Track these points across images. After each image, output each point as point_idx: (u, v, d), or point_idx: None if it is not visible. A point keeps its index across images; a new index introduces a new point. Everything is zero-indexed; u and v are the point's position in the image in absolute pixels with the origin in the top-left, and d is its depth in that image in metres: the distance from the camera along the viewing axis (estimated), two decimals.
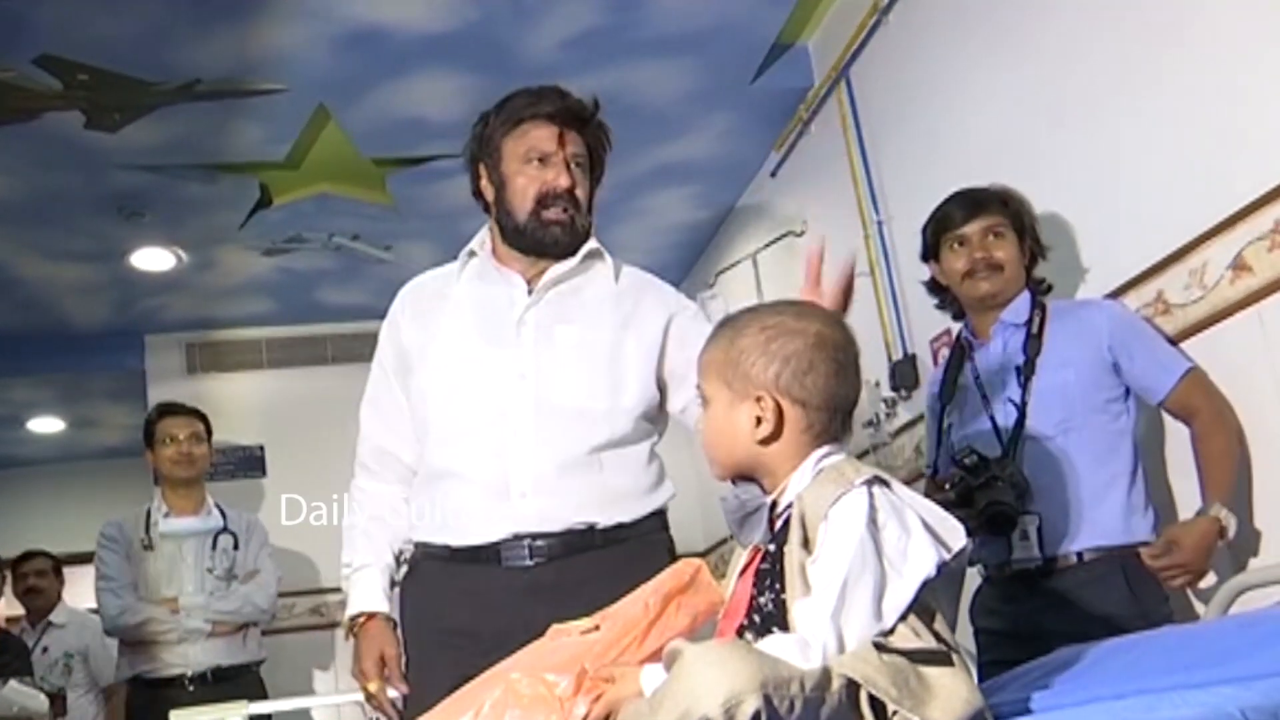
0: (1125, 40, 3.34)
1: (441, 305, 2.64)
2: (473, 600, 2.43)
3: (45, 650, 5.67)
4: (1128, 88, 3.34)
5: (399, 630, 2.60)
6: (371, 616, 2.57)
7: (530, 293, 2.58)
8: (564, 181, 2.54)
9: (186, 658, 4.55)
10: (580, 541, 2.43)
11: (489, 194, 2.64)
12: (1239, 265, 2.96)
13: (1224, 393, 2.98)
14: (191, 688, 4.48)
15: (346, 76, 4.82)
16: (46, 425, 9.20)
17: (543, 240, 2.56)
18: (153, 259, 6.26)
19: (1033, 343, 3.00)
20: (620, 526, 2.47)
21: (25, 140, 4.96)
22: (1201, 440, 2.91)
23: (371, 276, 6.44)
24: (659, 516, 2.57)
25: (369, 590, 2.59)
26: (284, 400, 6.98)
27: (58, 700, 5.39)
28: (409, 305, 2.70)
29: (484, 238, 2.67)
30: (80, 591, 5.77)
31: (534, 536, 2.41)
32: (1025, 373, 2.98)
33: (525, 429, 2.45)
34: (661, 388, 2.61)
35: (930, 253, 3.22)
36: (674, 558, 2.47)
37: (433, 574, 2.53)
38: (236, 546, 4.79)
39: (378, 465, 2.69)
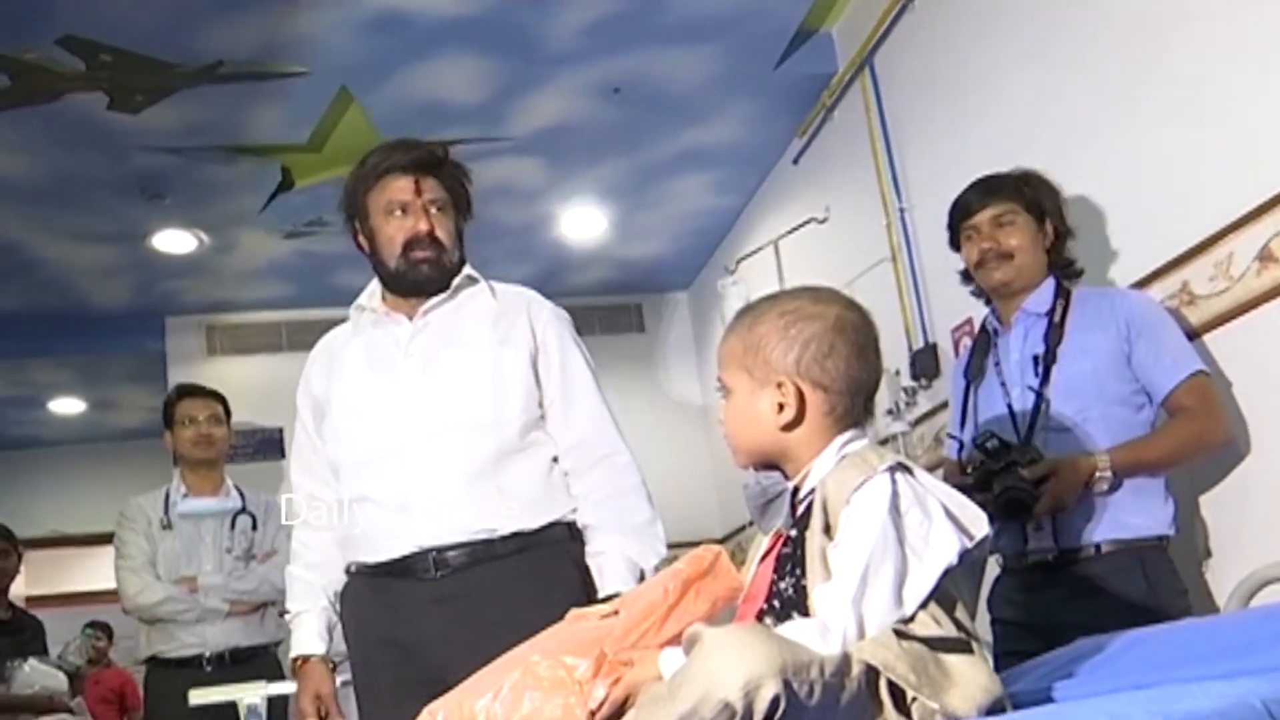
0: (1153, 28, 3.32)
1: (343, 355, 2.83)
2: (390, 612, 2.61)
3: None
4: (1154, 76, 3.32)
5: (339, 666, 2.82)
6: (307, 659, 2.76)
7: (413, 326, 2.75)
8: (423, 226, 2.69)
9: (204, 638, 4.55)
10: (483, 552, 2.57)
11: (365, 247, 2.80)
12: (1265, 256, 2.95)
13: (1249, 384, 2.97)
14: (209, 668, 4.48)
15: (369, 60, 4.82)
16: (67, 406, 9.25)
17: (416, 279, 2.72)
18: (174, 241, 6.29)
19: (1054, 332, 2.98)
20: (519, 535, 2.58)
21: (48, 121, 4.98)
22: (1165, 424, 2.90)
23: None
24: (565, 527, 2.66)
25: (305, 634, 2.77)
26: None
27: (76, 680, 5.41)
28: (317, 361, 2.91)
29: (373, 289, 2.82)
30: (100, 571, 5.77)
31: (438, 550, 2.57)
32: (1045, 361, 2.96)
33: (420, 449, 2.62)
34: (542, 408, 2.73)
35: (955, 241, 3.20)
36: (581, 568, 2.62)
37: (359, 589, 2.70)
38: (255, 527, 4.79)
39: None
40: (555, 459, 2.70)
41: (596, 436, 2.72)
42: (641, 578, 2.53)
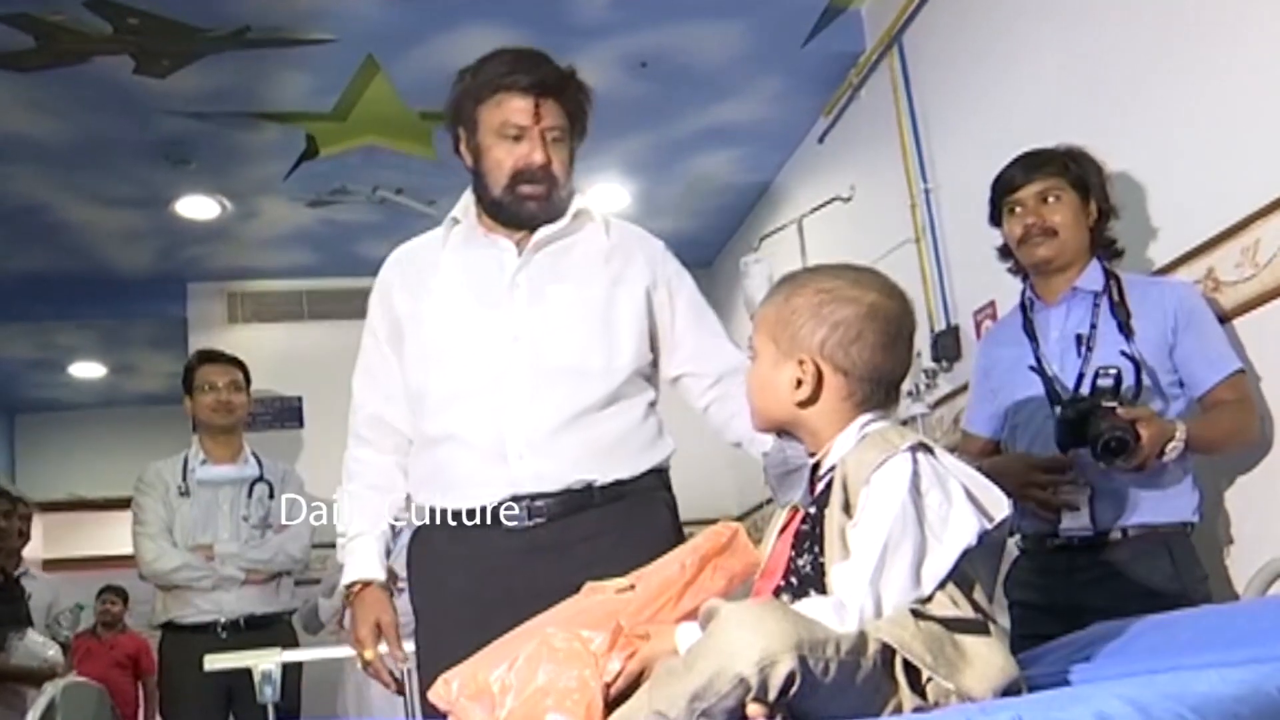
0: (1181, 11, 3.30)
1: (432, 272, 2.61)
2: (474, 564, 2.44)
3: (29, 597, 5.69)
4: (1182, 60, 3.29)
5: (407, 595, 2.61)
6: (367, 584, 2.59)
7: (520, 255, 2.55)
8: (538, 158, 2.49)
9: (220, 604, 4.57)
10: (578, 500, 2.42)
11: (468, 160, 2.59)
12: None
13: (1274, 371, 2.96)
14: (224, 634, 4.50)
15: (395, 28, 4.81)
16: (88, 370, 9.31)
17: (519, 215, 2.53)
18: (197, 207, 6.30)
19: (1119, 309, 2.93)
20: (618, 483, 2.46)
21: (74, 83, 4.98)
22: (1217, 410, 2.87)
23: (414, 231, 6.25)
24: (659, 474, 2.55)
25: (364, 559, 2.60)
26: (323, 352, 6.99)
27: (65, 653, 5.45)
28: (399, 273, 2.68)
29: (468, 203, 2.62)
30: (117, 536, 5.79)
31: (531, 497, 2.41)
32: (1088, 343, 2.91)
33: (520, 391, 2.44)
34: (654, 349, 2.61)
35: (995, 217, 3.17)
36: (674, 516, 2.53)
37: (436, 539, 2.53)
38: (272, 495, 4.81)
39: (373, 434, 2.67)
40: (653, 404, 2.58)
41: (741, 364, 2.49)
42: None
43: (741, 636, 1.41)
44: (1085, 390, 2.82)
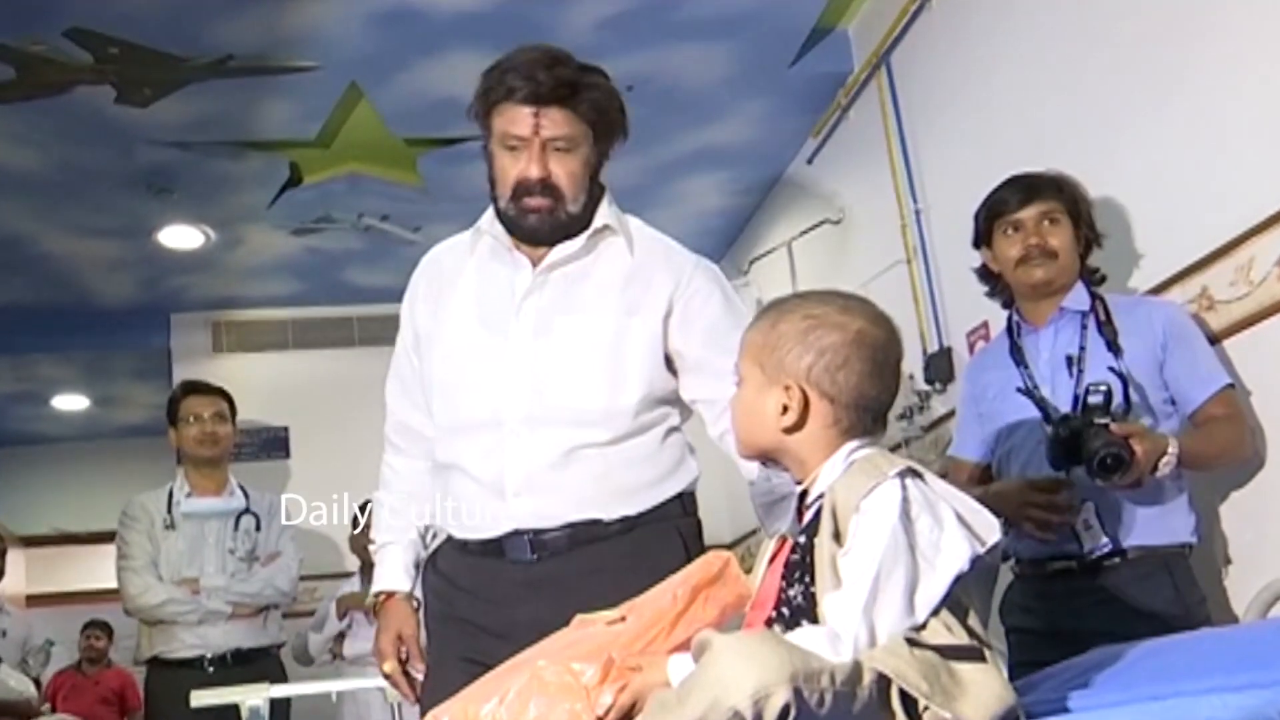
0: (1172, 30, 3.30)
1: (453, 285, 2.55)
2: (479, 593, 2.41)
3: (4, 634, 5.65)
4: (1175, 79, 3.29)
5: (421, 610, 2.58)
6: (391, 595, 2.57)
7: (534, 276, 2.46)
8: (534, 172, 2.36)
9: (206, 639, 4.53)
10: (585, 534, 2.36)
11: (489, 173, 2.49)
12: None
13: (1268, 390, 2.95)
14: (211, 669, 4.46)
15: (379, 55, 4.80)
16: (71, 403, 9.29)
17: (522, 227, 2.42)
18: (180, 236, 6.29)
19: (1107, 328, 2.93)
20: (626, 519, 2.38)
21: (55, 114, 4.97)
22: (1209, 426, 2.87)
23: (400, 258, 6.40)
24: (678, 501, 2.46)
25: (391, 569, 2.58)
26: (309, 381, 6.99)
27: (40, 688, 5.42)
28: (425, 283, 2.62)
29: (494, 215, 2.51)
30: (101, 570, 5.76)
31: (535, 531, 2.36)
32: (1079, 364, 2.90)
33: (519, 428, 2.38)
34: (673, 371, 2.48)
35: (983, 238, 3.15)
36: (690, 543, 2.42)
37: (447, 562, 2.51)
38: (259, 528, 4.77)
39: (404, 441, 2.65)
40: (677, 428, 2.47)
41: None
42: None
43: (735, 668, 1.40)
44: (1080, 409, 2.81)
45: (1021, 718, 1.56)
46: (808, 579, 1.67)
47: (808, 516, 1.75)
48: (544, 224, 2.40)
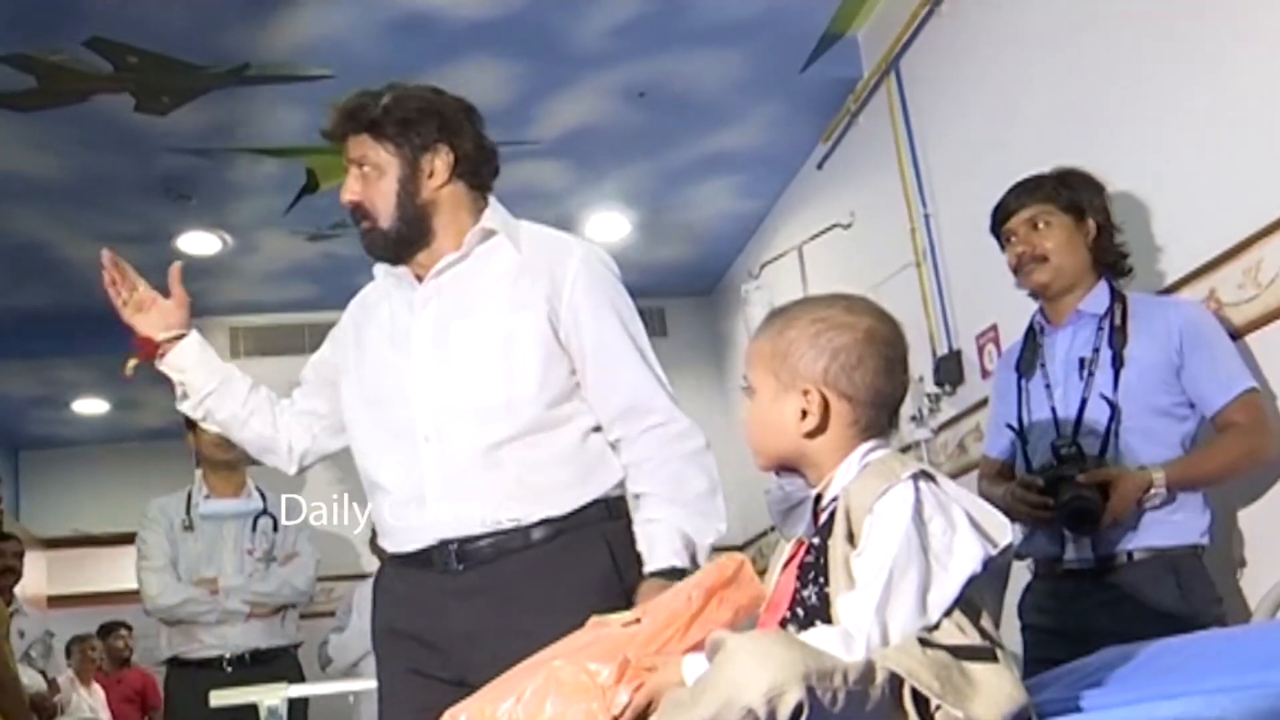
0: (1179, 33, 3.31)
1: (372, 316, 2.63)
2: (412, 605, 2.44)
3: (22, 635, 5.69)
4: (1182, 81, 3.30)
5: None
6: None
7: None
8: (346, 197, 2.50)
9: (225, 639, 4.57)
10: (510, 542, 2.37)
11: None
12: None
13: (1277, 392, 2.94)
14: (229, 669, 4.50)
15: (394, 62, 4.82)
16: (91, 406, 9.31)
17: (369, 250, 2.55)
18: (199, 242, 6.31)
19: (1118, 335, 2.93)
20: (548, 521, 2.37)
21: (75, 122, 5.00)
22: (1215, 440, 2.87)
23: None
24: (603, 505, 2.43)
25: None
26: None
27: (50, 683, 5.45)
28: (351, 315, 2.71)
29: None
30: (121, 571, 5.79)
31: (460, 541, 2.37)
32: (1114, 366, 2.91)
33: (430, 435, 2.41)
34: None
35: (1001, 244, 3.18)
36: (617, 550, 2.39)
37: (386, 576, 2.56)
38: (276, 529, 4.80)
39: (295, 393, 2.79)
40: (596, 428, 2.45)
41: (644, 403, 2.43)
42: (694, 556, 2.32)
43: (749, 667, 1.41)
44: (1089, 409, 2.89)
45: (1033, 717, 1.56)
46: (822, 580, 1.68)
47: (822, 519, 1.76)
48: (372, 245, 2.51)
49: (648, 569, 2.31)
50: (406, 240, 2.49)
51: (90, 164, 5.38)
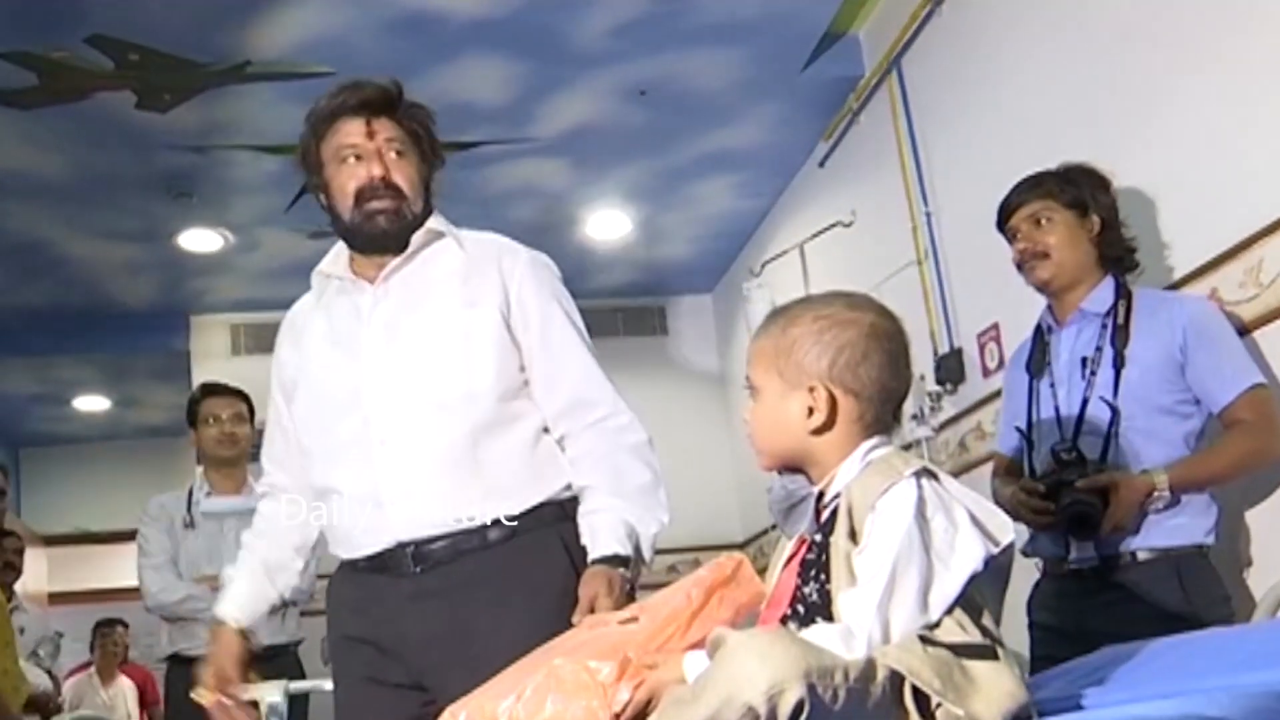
0: (1181, 32, 3.31)
1: (307, 329, 2.59)
2: (369, 610, 2.42)
3: (22, 631, 5.68)
4: (1184, 82, 3.30)
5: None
6: (220, 625, 2.59)
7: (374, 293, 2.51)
8: (377, 171, 2.42)
9: None
10: (466, 543, 2.35)
11: (324, 203, 2.53)
12: None
13: (1278, 391, 2.93)
14: None
15: (395, 60, 4.82)
16: (92, 404, 9.32)
17: (370, 233, 2.45)
18: (200, 240, 6.32)
19: (1120, 334, 2.92)
20: (504, 521, 2.36)
21: (76, 119, 5.01)
22: (1223, 438, 2.86)
23: None
24: (558, 506, 2.43)
25: (227, 599, 2.62)
26: None
27: (55, 680, 5.45)
28: (284, 339, 2.66)
29: (338, 251, 2.56)
30: (122, 569, 5.80)
31: (416, 543, 2.36)
32: (1115, 365, 2.90)
33: (386, 434, 2.38)
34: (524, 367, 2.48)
35: (1009, 241, 3.18)
36: (573, 550, 2.38)
37: (340, 583, 2.52)
38: None
39: (270, 498, 2.69)
40: (545, 429, 2.45)
41: (588, 397, 2.44)
42: (637, 546, 2.30)
43: (749, 665, 1.40)
44: (1090, 408, 2.89)
45: (1034, 714, 1.56)
46: (823, 577, 1.68)
47: (824, 516, 1.76)
48: (392, 224, 2.44)
49: (591, 557, 2.30)
50: (416, 226, 2.48)
51: (91, 161, 5.39)
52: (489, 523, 2.35)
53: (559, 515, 2.42)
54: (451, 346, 2.40)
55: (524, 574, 2.33)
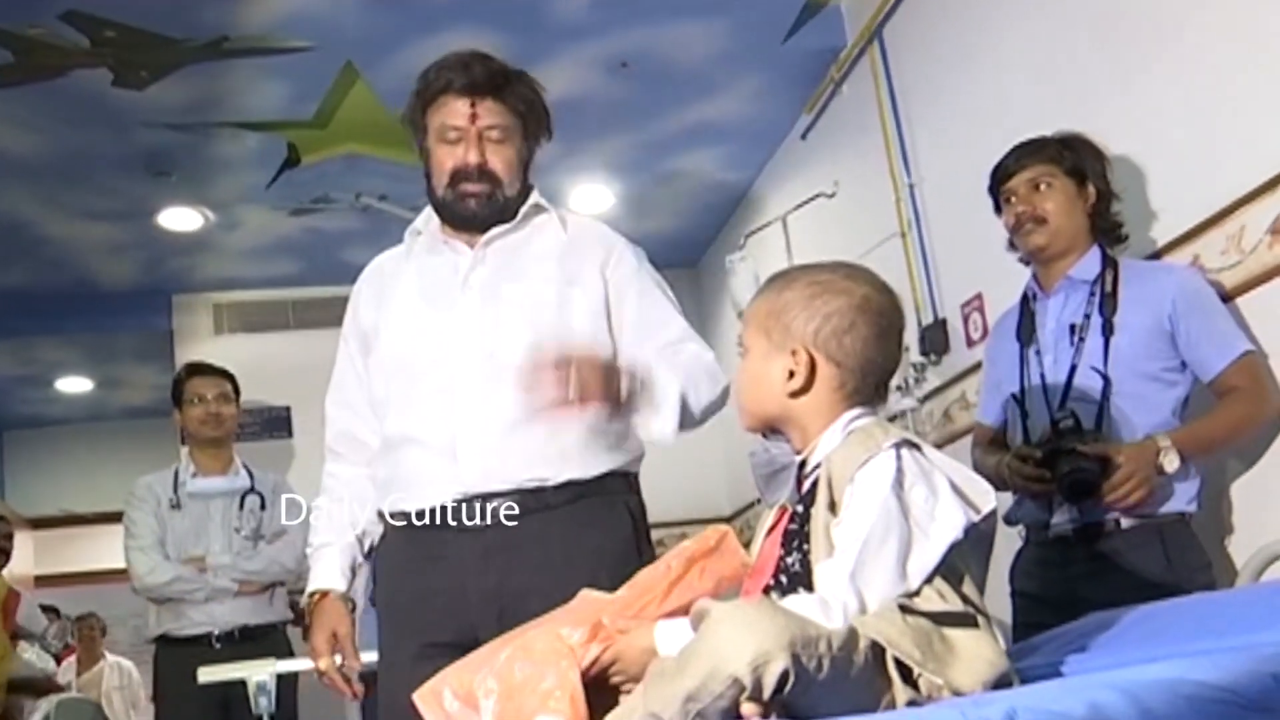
0: (1162, 2, 3.30)
1: (395, 282, 2.65)
2: (431, 565, 2.44)
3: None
4: (1164, 49, 3.30)
5: (360, 608, 2.66)
6: (325, 594, 2.60)
7: (473, 256, 2.59)
8: (473, 158, 2.52)
9: (213, 616, 4.56)
10: (534, 501, 2.40)
11: (425, 170, 2.64)
12: (1277, 230, 2.92)
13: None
14: (218, 646, 4.49)
15: (374, 34, 4.81)
16: (74, 385, 9.30)
17: (461, 214, 2.56)
18: (180, 219, 6.28)
19: (1108, 301, 2.93)
20: (573, 484, 2.42)
21: (53, 98, 4.97)
22: (1219, 404, 2.86)
23: (399, 237, 6.37)
24: (624, 478, 2.52)
25: (325, 569, 2.61)
26: (310, 361, 6.89)
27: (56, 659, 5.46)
28: (367, 287, 2.73)
29: (429, 213, 2.66)
30: (109, 550, 5.78)
31: (484, 497, 2.40)
32: (1104, 332, 2.91)
33: (473, 390, 2.44)
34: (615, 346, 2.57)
35: (997, 207, 3.17)
36: (638, 521, 2.47)
37: (396, 543, 2.55)
38: (263, 506, 4.80)
39: (345, 449, 2.69)
40: None
41: (689, 337, 2.57)
42: (684, 404, 2.36)
43: (734, 636, 1.41)
44: (1079, 375, 2.89)
45: (1015, 682, 1.56)
46: (805, 547, 1.69)
47: (806, 485, 1.77)
48: (483, 208, 2.54)
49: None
50: (514, 208, 2.58)
51: (69, 140, 5.35)
52: (558, 484, 2.41)
53: (626, 487, 2.52)
54: (547, 315, 2.48)
55: (587, 538, 2.39)
